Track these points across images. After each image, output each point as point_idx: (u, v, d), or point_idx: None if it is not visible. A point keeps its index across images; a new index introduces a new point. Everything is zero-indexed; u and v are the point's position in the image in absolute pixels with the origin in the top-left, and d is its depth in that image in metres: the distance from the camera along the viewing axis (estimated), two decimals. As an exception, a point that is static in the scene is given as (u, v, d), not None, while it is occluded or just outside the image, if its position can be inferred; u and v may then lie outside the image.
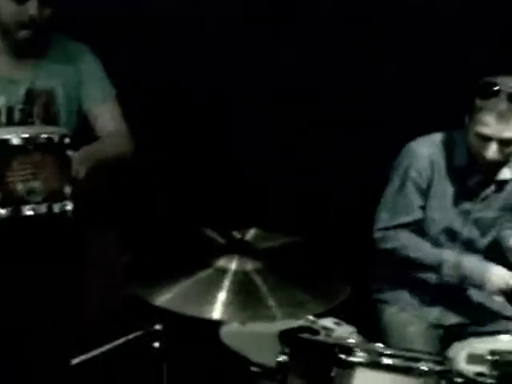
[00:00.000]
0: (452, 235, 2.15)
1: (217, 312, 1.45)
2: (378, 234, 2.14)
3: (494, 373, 1.67)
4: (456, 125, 2.12)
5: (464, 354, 1.80)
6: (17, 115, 2.05)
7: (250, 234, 1.64)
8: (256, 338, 1.79)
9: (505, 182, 2.15)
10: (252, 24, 2.61)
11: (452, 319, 2.17)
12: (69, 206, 1.67)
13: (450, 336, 2.10)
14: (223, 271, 1.53)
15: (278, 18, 2.63)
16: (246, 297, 1.48)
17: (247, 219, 1.70)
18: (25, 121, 2.04)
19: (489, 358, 1.76)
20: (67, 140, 1.69)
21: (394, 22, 2.61)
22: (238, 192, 2.56)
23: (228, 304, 1.47)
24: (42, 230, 1.73)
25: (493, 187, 2.14)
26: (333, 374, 1.50)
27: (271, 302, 1.45)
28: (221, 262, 1.55)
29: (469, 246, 2.17)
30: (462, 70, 2.48)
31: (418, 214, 2.12)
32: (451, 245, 2.15)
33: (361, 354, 1.58)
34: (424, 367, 1.60)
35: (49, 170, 1.66)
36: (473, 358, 1.78)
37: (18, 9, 1.95)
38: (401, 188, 2.12)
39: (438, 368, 1.63)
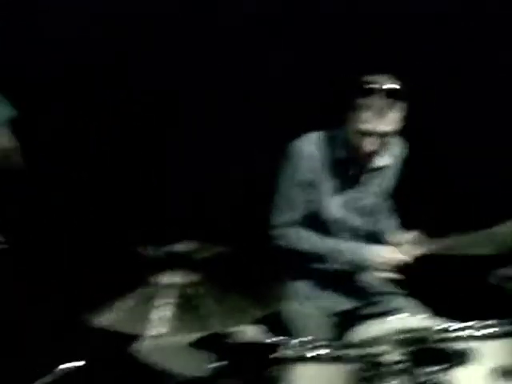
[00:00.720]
0: (340, 224, 2.28)
1: (156, 327, 1.50)
2: (274, 232, 2.27)
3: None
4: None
5: (358, 338, 1.87)
6: None
7: (187, 246, 1.68)
8: (171, 350, 1.82)
9: (380, 169, 2.29)
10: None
11: (343, 305, 2.29)
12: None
13: (345, 322, 2.21)
14: (160, 286, 1.58)
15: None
16: (184, 310, 1.54)
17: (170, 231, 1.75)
18: None
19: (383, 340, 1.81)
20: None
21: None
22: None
23: (166, 318, 1.52)
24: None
25: (372, 175, 2.29)
26: (272, 372, 1.61)
27: (208, 313, 1.52)
28: (158, 278, 1.60)
29: (355, 234, 2.31)
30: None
31: (302, 209, 2.24)
32: (342, 234, 2.29)
33: (289, 350, 1.67)
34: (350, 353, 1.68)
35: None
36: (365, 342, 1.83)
37: None
38: (285, 187, 2.24)
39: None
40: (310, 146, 2.23)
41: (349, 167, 2.25)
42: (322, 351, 1.67)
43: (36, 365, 1.66)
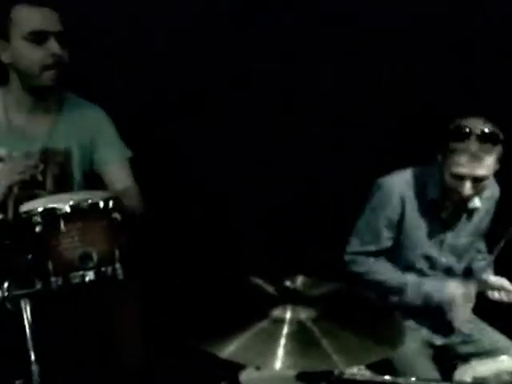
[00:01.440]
0: (431, 263, 2.31)
1: (279, 362, 1.50)
2: (347, 257, 2.33)
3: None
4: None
5: (469, 377, 1.92)
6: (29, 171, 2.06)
7: (299, 281, 1.69)
8: (276, 381, 1.79)
9: (475, 210, 2.32)
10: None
11: (440, 340, 2.29)
12: (120, 269, 1.69)
13: (440, 356, 2.24)
14: (279, 321, 1.58)
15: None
16: (304, 346, 1.53)
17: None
18: (36, 177, 2.04)
19: (494, 380, 1.88)
20: (111, 203, 1.72)
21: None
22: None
23: (288, 354, 1.51)
24: (92, 294, 1.76)
25: (464, 216, 2.31)
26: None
27: (330, 350, 1.50)
28: (276, 313, 1.60)
29: (448, 272, 2.34)
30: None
31: (385, 244, 2.29)
32: (433, 272, 2.31)
33: None
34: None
35: (97, 235, 1.67)
36: (478, 381, 1.89)
37: (39, 51, 2.01)
38: (371, 220, 2.28)
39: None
40: (401, 184, 2.26)
41: (441, 208, 2.26)
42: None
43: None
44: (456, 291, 2.20)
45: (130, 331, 1.92)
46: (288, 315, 1.60)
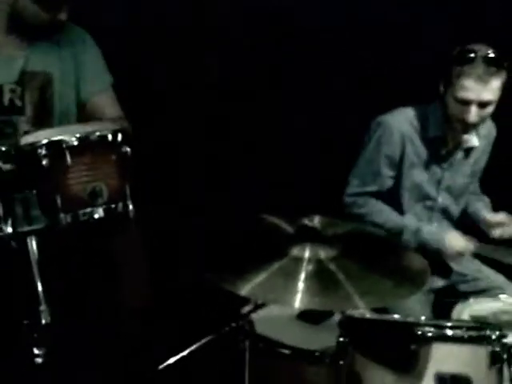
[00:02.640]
0: (428, 203, 2.29)
1: (298, 301, 1.48)
2: (347, 200, 2.28)
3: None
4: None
5: (466, 316, 1.92)
6: (7, 95, 1.96)
7: (316, 220, 1.64)
8: (287, 321, 1.81)
9: (471, 149, 2.30)
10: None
11: (439, 283, 2.30)
12: (131, 206, 1.61)
13: (440, 299, 2.26)
14: (298, 260, 1.56)
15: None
16: (324, 285, 1.51)
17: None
18: (14, 102, 1.95)
19: (492, 318, 1.88)
20: (120, 136, 1.62)
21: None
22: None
23: (308, 292, 1.49)
24: (103, 232, 1.68)
25: (461, 154, 2.28)
26: (412, 348, 1.58)
27: (352, 291, 1.47)
28: (295, 251, 1.57)
29: (444, 214, 2.32)
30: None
31: (386, 184, 2.25)
32: (429, 213, 2.29)
33: (426, 328, 1.63)
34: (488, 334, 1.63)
35: (107, 169, 1.58)
36: (476, 319, 1.89)
37: (46, 15, 1.89)
38: (372, 159, 2.24)
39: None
40: (402, 122, 2.21)
41: (441, 146, 2.23)
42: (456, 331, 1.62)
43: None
44: (456, 244, 2.18)
45: (136, 270, 1.86)
46: (307, 254, 1.56)
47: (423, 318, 1.78)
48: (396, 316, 1.77)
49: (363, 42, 2.62)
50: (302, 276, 1.52)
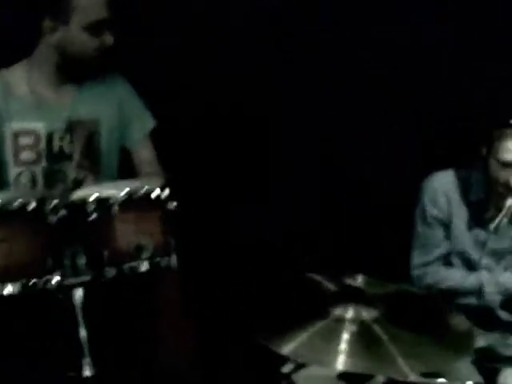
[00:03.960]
0: (471, 265, 2.22)
1: (340, 362, 1.46)
2: (416, 272, 2.23)
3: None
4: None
5: None
6: (57, 142, 2.06)
7: (359, 280, 1.64)
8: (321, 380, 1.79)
9: None
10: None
11: (482, 341, 2.17)
12: (174, 260, 1.65)
13: (480, 360, 2.13)
14: (340, 320, 1.54)
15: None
16: (367, 347, 1.49)
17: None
18: (63, 149, 2.05)
19: None
20: (166, 192, 1.67)
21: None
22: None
23: (350, 354, 1.47)
24: (144, 285, 1.71)
25: (505, 218, 2.18)
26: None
27: (396, 353, 1.45)
28: (337, 311, 1.55)
29: None
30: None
31: (446, 246, 2.21)
32: None
33: None
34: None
35: (152, 224, 1.61)
36: None
37: (95, 41, 1.98)
38: (425, 224, 2.22)
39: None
40: (446, 184, 2.20)
41: (484, 210, 2.18)
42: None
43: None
44: None
45: (180, 323, 1.87)
46: (350, 314, 1.54)
47: (470, 382, 1.72)
48: (441, 380, 1.72)
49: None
50: (345, 337, 1.50)
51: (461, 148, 2.32)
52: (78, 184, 2.04)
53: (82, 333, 1.58)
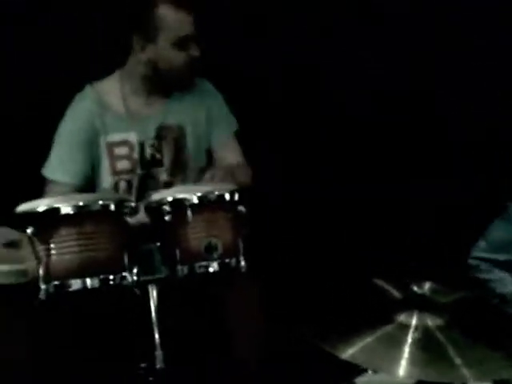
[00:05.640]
0: None
1: (402, 369, 1.46)
2: (471, 262, 2.16)
3: None
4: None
5: None
6: (148, 150, 2.19)
7: (426, 287, 1.62)
8: None
9: None
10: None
11: None
12: (243, 262, 1.71)
13: None
14: (405, 327, 1.52)
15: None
16: (430, 355, 1.47)
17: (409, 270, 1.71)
18: (155, 156, 2.17)
19: None
20: (237, 196, 1.74)
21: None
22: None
23: (413, 361, 1.46)
24: (217, 284, 1.79)
25: None
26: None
27: (459, 362, 1.42)
28: (402, 318, 1.54)
29: None
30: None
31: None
32: None
33: None
34: None
35: (223, 226, 1.70)
36: None
37: (183, 55, 2.10)
38: (505, 228, 2.11)
39: None
40: None
41: None
42: None
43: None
44: None
45: (248, 332, 1.93)
46: (414, 321, 1.52)
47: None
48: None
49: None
50: (408, 344, 1.49)
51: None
52: (168, 188, 2.13)
53: (156, 326, 1.69)
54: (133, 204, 1.68)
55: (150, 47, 2.09)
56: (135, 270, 1.65)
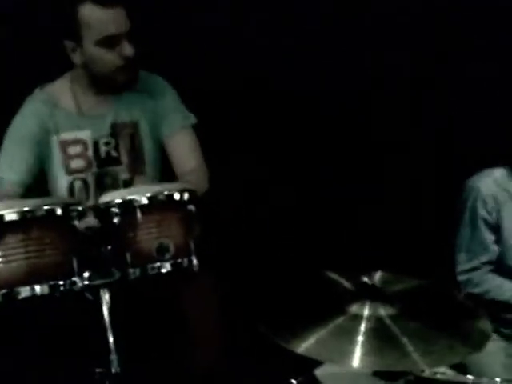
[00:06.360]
0: None
1: (356, 360, 1.47)
2: (460, 278, 2.17)
3: None
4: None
5: None
6: (103, 148, 2.17)
7: (377, 277, 1.65)
8: (353, 377, 1.77)
9: None
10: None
11: None
12: (195, 261, 1.68)
13: None
14: (357, 318, 1.55)
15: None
16: (383, 344, 1.49)
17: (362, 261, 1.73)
18: (110, 153, 2.15)
19: None
20: (187, 195, 1.72)
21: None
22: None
23: (367, 352, 1.48)
24: (167, 286, 1.77)
25: None
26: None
27: (412, 350, 1.45)
28: (354, 309, 1.57)
29: None
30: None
31: (494, 250, 2.14)
32: None
33: None
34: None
35: (173, 226, 1.67)
36: None
37: (112, 54, 2.04)
38: (472, 227, 2.14)
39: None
40: (491, 185, 2.13)
41: None
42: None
43: None
44: None
45: (206, 329, 1.92)
46: (366, 312, 1.55)
47: (498, 379, 1.69)
48: (469, 377, 1.70)
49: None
50: (361, 334, 1.50)
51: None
52: (128, 185, 2.16)
53: (110, 331, 1.66)
54: (80, 208, 1.65)
55: (79, 49, 2.05)
56: (86, 275, 1.64)
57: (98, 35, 2.01)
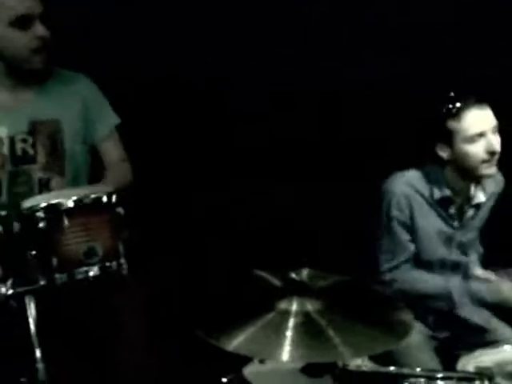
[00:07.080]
0: (441, 262, 2.27)
1: (286, 354, 1.50)
2: (385, 278, 2.24)
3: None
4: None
5: (472, 367, 1.91)
6: (19, 145, 2.09)
7: (304, 274, 1.69)
8: (281, 375, 1.80)
9: (479, 205, 2.29)
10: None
11: (445, 333, 2.28)
12: (124, 264, 1.68)
13: (442, 348, 2.24)
14: (285, 313, 1.58)
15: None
16: (311, 337, 1.53)
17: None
18: (27, 151, 2.08)
19: (497, 370, 1.86)
20: (114, 198, 1.71)
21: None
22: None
23: (296, 346, 1.51)
24: (96, 289, 1.75)
25: (471, 211, 2.28)
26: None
27: (338, 342, 1.50)
28: (282, 305, 1.60)
29: (456, 267, 2.30)
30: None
31: (410, 249, 2.24)
32: (442, 270, 2.27)
33: (418, 380, 1.68)
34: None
35: (101, 229, 1.66)
36: (481, 371, 1.86)
37: (25, 35, 1.99)
38: (389, 229, 2.24)
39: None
40: (404, 186, 2.22)
41: (449, 206, 2.23)
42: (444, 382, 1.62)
43: None
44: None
45: (135, 330, 1.91)
46: (294, 307, 1.59)
47: (418, 369, 1.78)
48: (391, 368, 1.78)
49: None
50: (290, 329, 1.54)
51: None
52: (43, 185, 2.09)
53: (35, 339, 1.62)
54: (3, 213, 1.62)
55: None
56: (9, 282, 1.60)
57: (11, 15, 1.96)
